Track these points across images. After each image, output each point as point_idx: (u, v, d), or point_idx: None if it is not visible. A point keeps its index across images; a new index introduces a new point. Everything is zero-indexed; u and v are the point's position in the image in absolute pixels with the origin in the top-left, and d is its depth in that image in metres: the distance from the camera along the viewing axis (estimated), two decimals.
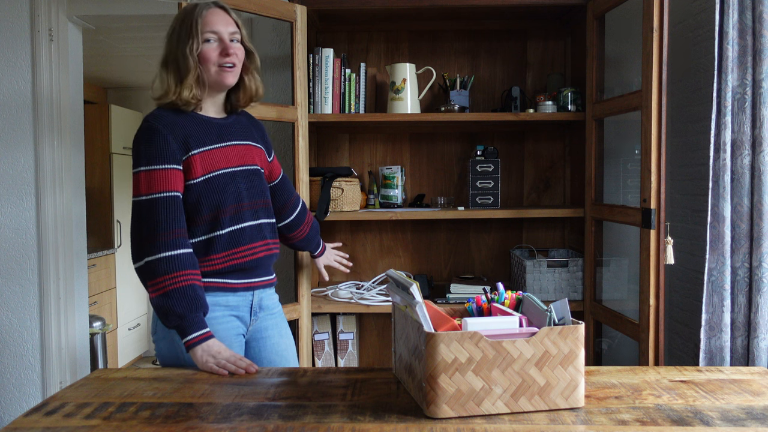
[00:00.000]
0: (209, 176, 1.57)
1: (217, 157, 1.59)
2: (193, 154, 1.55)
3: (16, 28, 2.70)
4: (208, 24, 1.56)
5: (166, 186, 1.51)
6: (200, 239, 1.58)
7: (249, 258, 1.63)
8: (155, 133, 1.52)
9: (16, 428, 1.16)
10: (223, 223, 1.58)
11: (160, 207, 1.49)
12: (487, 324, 1.25)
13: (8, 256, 2.75)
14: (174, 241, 1.50)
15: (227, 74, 1.59)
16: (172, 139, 1.52)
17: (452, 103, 2.54)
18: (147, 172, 1.50)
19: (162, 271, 1.47)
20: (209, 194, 1.56)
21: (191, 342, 1.48)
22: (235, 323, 1.65)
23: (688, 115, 2.22)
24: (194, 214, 1.56)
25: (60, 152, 2.74)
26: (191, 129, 1.57)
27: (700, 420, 1.18)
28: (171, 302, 1.47)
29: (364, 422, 1.17)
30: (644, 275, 1.95)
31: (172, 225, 1.50)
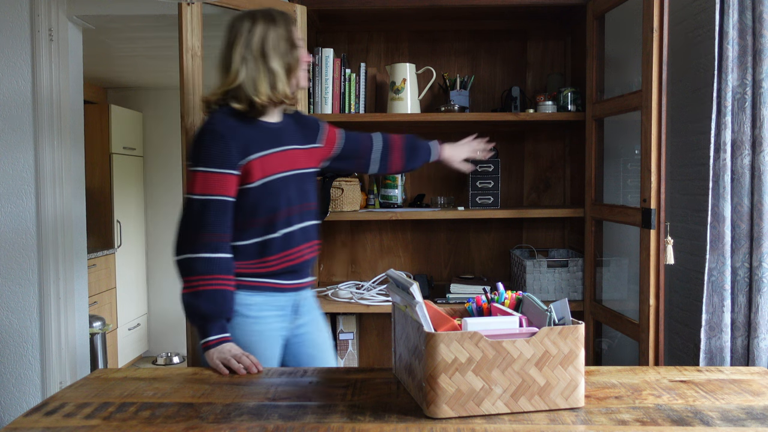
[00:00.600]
0: (266, 181, 1.60)
1: (274, 161, 1.62)
2: (252, 159, 1.58)
3: (16, 28, 2.70)
4: (297, 32, 1.67)
5: (219, 190, 1.54)
6: (255, 241, 1.61)
7: (299, 260, 1.68)
8: (218, 136, 1.55)
9: (16, 428, 1.16)
10: (277, 225, 1.62)
11: (210, 209, 1.54)
12: (487, 324, 1.25)
13: (8, 256, 2.75)
14: (215, 245, 1.54)
15: (305, 78, 1.70)
16: (233, 144, 1.56)
17: (452, 103, 2.54)
18: (204, 173, 1.54)
19: (198, 271, 1.52)
20: (265, 198, 1.59)
21: (209, 344, 1.52)
22: (279, 324, 1.68)
23: (688, 115, 2.22)
24: (250, 217, 1.60)
25: (60, 152, 2.73)
26: (251, 134, 1.61)
27: (700, 420, 1.18)
28: (198, 302, 1.52)
29: (364, 422, 1.17)
30: (644, 275, 1.95)
31: (217, 228, 1.54)
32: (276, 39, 1.62)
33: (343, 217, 2.47)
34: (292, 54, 1.64)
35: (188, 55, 2.03)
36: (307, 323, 1.77)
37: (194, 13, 2.05)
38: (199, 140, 1.57)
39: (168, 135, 5.14)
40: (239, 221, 1.59)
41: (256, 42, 1.61)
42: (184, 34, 2.02)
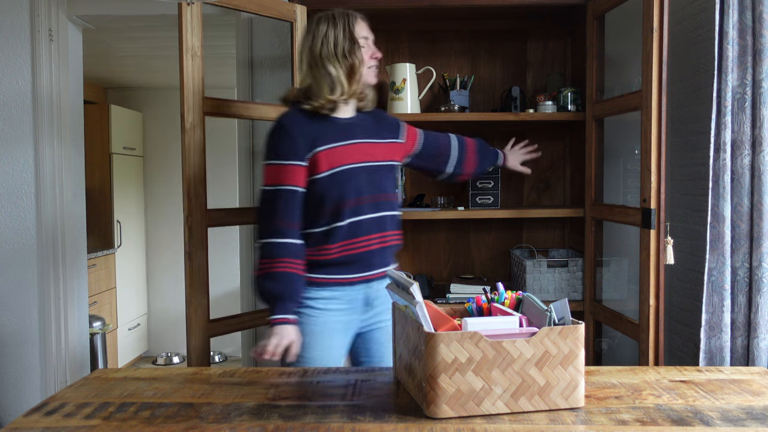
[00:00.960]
0: (333, 172, 1.69)
1: (341, 154, 1.71)
2: (318, 151, 1.69)
3: (16, 28, 2.70)
4: (360, 29, 1.75)
5: (288, 180, 1.67)
6: (322, 229, 1.71)
7: (363, 249, 1.73)
8: (285, 131, 1.68)
9: (16, 428, 1.16)
10: (344, 214, 1.69)
11: (279, 198, 1.67)
12: (487, 324, 1.25)
13: (8, 256, 2.75)
14: (284, 230, 1.66)
15: (372, 75, 1.77)
16: (300, 138, 1.67)
17: (452, 103, 2.53)
18: (274, 165, 1.68)
19: (270, 254, 1.65)
20: (332, 188, 1.69)
21: (275, 321, 1.64)
22: (347, 317, 1.75)
23: (688, 115, 2.22)
24: (318, 206, 1.70)
25: (60, 152, 2.74)
26: (319, 128, 1.71)
27: (700, 420, 1.18)
28: (267, 283, 1.65)
29: (364, 422, 1.17)
30: (644, 275, 1.95)
31: (286, 216, 1.67)
32: (334, 41, 1.71)
33: None
34: (353, 54, 1.71)
35: (188, 55, 2.03)
36: (382, 312, 1.81)
37: (194, 13, 2.05)
38: (269, 136, 1.71)
39: (168, 135, 5.14)
40: (309, 210, 1.70)
41: (317, 46, 1.72)
42: (184, 34, 2.02)
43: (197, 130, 2.07)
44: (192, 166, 2.06)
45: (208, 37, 2.13)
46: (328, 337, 1.72)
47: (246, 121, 2.74)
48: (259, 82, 2.76)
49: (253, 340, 2.80)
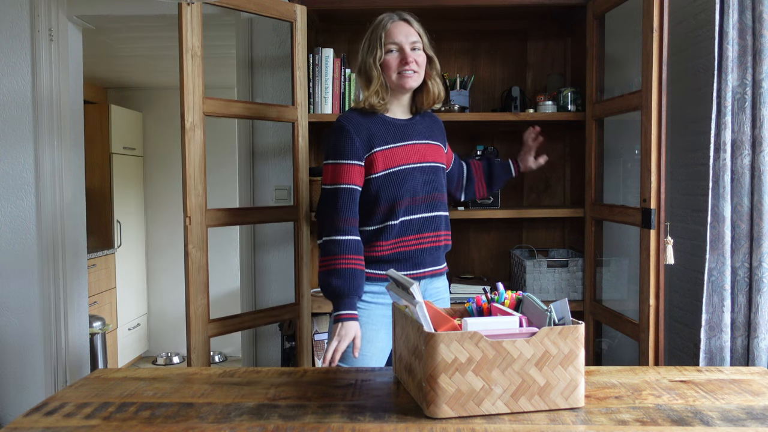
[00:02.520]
0: (389, 171, 1.74)
1: (397, 154, 1.76)
2: (375, 151, 1.74)
3: (16, 28, 2.70)
4: (391, 35, 1.76)
5: (346, 179, 1.73)
6: (376, 227, 1.76)
7: (415, 247, 1.78)
8: (344, 132, 1.74)
9: (16, 428, 1.16)
10: (397, 213, 1.75)
11: (338, 196, 1.73)
12: (487, 324, 1.25)
13: (8, 256, 2.75)
14: (345, 228, 1.72)
15: (407, 79, 1.76)
16: (357, 138, 1.73)
17: (452, 103, 2.53)
18: (333, 165, 1.74)
19: (331, 252, 1.71)
20: (388, 187, 1.74)
21: (338, 317, 1.68)
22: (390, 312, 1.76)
23: (688, 115, 2.22)
24: (373, 205, 1.75)
25: (60, 152, 2.74)
26: (376, 129, 1.76)
27: (700, 420, 1.18)
28: (332, 279, 1.69)
29: (364, 422, 1.17)
30: (644, 275, 1.95)
31: (346, 213, 1.72)
32: (367, 46, 1.78)
33: None
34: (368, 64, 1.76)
35: (188, 55, 2.03)
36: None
37: (194, 13, 2.05)
38: (329, 136, 1.77)
39: (168, 135, 5.14)
40: (365, 208, 1.76)
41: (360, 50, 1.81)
42: (184, 34, 2.02)
43: (197, 130, 2.07)
44: (192, 166, 2.06)
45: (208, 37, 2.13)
46: (374, 330, 1.77)
47: (246, 121, 2.74)
48: (259, 82, 2.76)
49: (253, 340, 2.80)
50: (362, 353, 1.75)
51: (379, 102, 1.77)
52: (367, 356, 1.76)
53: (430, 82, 1.83)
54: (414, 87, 1.79)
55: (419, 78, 1.79)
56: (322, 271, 1.72)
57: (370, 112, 1.79)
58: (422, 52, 1.80)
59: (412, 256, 1.78)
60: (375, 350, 1.77)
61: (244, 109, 2.33)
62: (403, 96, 1.82)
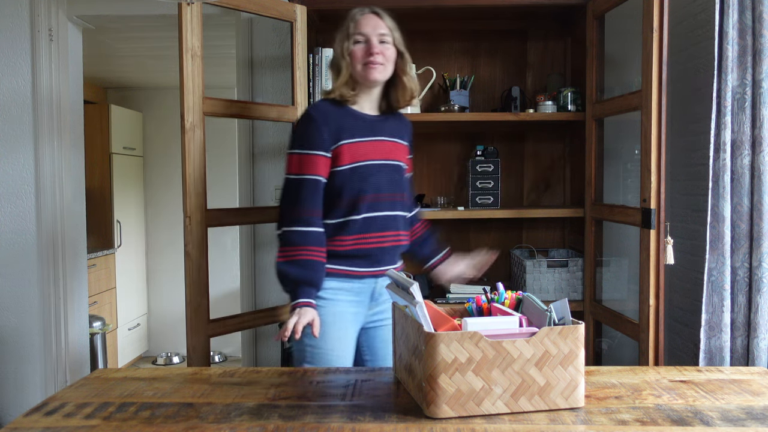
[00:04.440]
0: (354, 165, 1.71)
1: (364, 149, 1.73)
2: (342, 144, 1.71)
3: (16, 28, 2.70)
4: (359, 26, 1.74)
5: (312, 170, 1.69)
6: (337, 221, 1.73)
7: (376, 245, 1.75)
8: (312, 121, 1.71)
9: (16, 428, 1.16)
10: (360, 209, 1.72)
11: (303, 187, 1.69)
12: (487, 324, 1.25)
13: (8, 256, 2.75)
14: (308, 219, 1.69)
15: (371, 71, 1.72)
16: (325, 129, 1.70)
17: (452, 103, 2.53)
18: (299, 155, 1.70)
19: (293, 242, 1.68)
20: (352, 181, 1.71)
21: (297, 305, 1.63)
22: (354, 309, 1.77)
23: (688, 115, 2.22)
24: (336, 198, 1.72)
25: (60, 152, 2.73)
26: (344, 121, 1.73)
27: (700, 420, 1.18)
28: (290, 269, 1.66)
29: (364, 422, 1.17)
30: (644, 275, 1.95)
31: (310, 205, 1.69)
32: (338, 37, 1.76)
33: None
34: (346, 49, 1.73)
35: (188, 55, 2.03)
36: (387, 310, 1.83)
37: (194, 13, 2.05)
38: (297, 125, 1.75)
39: (168, 135, 5.14)
40: (328, 201, 1.73)
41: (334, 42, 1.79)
42: (184, 34, 2.02)
43: (197, 130, 2.07)
44: (192, 166, 2.06)
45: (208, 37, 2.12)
46: (340, 327, 1.73)
47: (246, 121, 2.74)
48: (259, 82, 2.76)
49: (253, 340, 2.80)
50: (335, 353, 1.71)
51: (348, 93, 1.74)
52: (340, 356, 1.72)
53: (404, 77, 1.79)
54: (379, 80, 1.75)
55: (385, 71, 1.75)
56: (282, 261, 1.68)
57: (340, 104, 1.75)
58: (391, 46, 1.76)
59: (372, 253, 1.75)
60: (343, 347, 1.73)
61: (244, 109, 2.33)
62: (372, 90, 1.78)
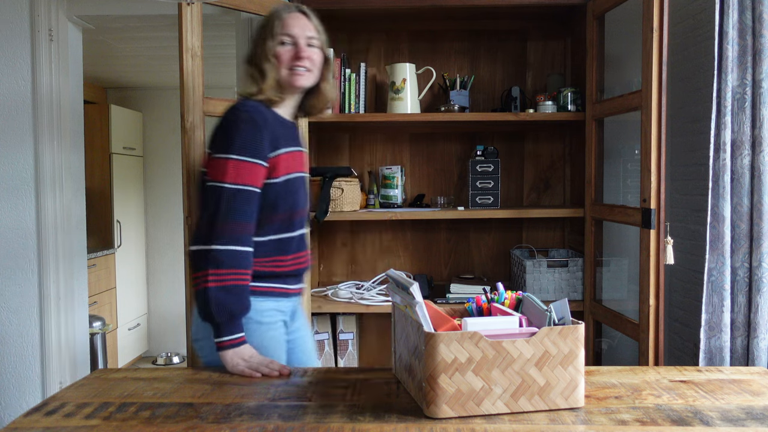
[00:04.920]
0: (288, 177, 1.57)
1: (294, 160, 1.61)
2: (279, 153, 1.55)
3: (16, 28, 2.70)
4: (286, 26, 1.59)
5: (251, 180, 1.49)
6: (272, 238, 1.57)
7: (306, 263, 1.68)
8: (254, 125, 1.51)
9: (16, 428, 1.16)
10: (294, 225, 1.61)
11: (239, 199, 1.48)
12: (487, 324, 1.25)
13: (8, 256, 2.75)
14: (242, 237, 1.49)
15: (297, 77, 1.59)
16: (266, 135, 1.52)
17: (452, 103, 2.53)
18: (237, 161, 1.48)
19: (228, 264, 1.45)
20: (286, 195, 1.57)
21: (228, 343, 1.46)
22: (283, 329, 1.65)
23: (688, 115, 2.22)
24: (270, 213, 1.55)
25: (60, 152, 2.73)
26: (278, 129, 1.58)
27: (700, 420, 1.18)
28: (229, 298, 1.45)
29: (364, 422, 1.17)
30: (644, 275, 1.95)
31: (246, 219, 1.49)
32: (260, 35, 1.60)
33: (343, 217, 2.47)
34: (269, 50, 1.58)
35: (188, 55, 2.03)
36: (300, 328, 1.75)
37: (194, 13, 2.05)
38: (233, 126, 1.50)
39: (168, 135, 5.14)
40: (259, 216, 1.54)
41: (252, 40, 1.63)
42: (184, 34, 2.02)
43: (197, 130, 2.07)
44: (192, 166, 2.06)
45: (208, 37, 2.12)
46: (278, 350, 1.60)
47: None
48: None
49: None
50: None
51: (276, 96, 1.59)
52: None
53: (324, 84, 1.68)
54: (305, 86, 1.62)
55: (312, 78, 1.62)
56: (216, 287, 1.44)
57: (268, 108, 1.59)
58: (318, 50, 1.63)
59: (302, 270, 1.66)
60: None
61: None
62: (293, 96, 1.65)
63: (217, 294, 1.44)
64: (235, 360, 1.46)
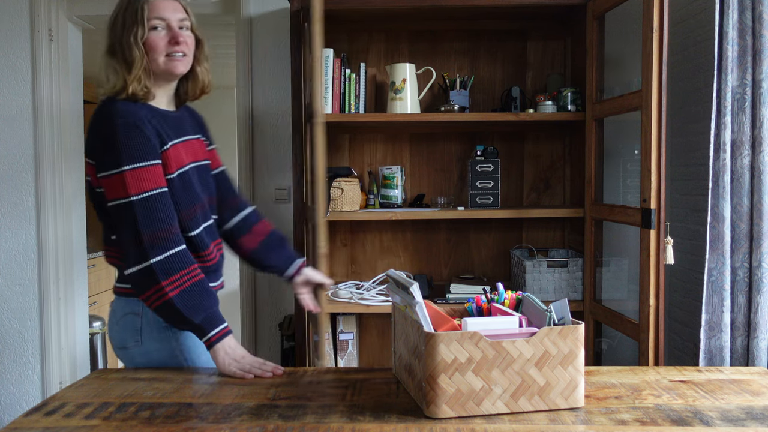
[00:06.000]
0: (181, 171, 1.50)
1: (182, 151, 1.52)
2: (167, 148, 1.47)
3: (16, 28, 2.70)
4: (155, 10, 1.46)
5: (155, 183, 1.42)
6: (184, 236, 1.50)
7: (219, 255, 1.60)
8: (132, 128, 1.40)
9: (16, 428, 1.16)
10: (198, 219, 1.52)
11: (156, 205, 1.41)
12: (487, 324, 1.25)
13: (8, 256, 2.75)
14: (178, 237, 1.43)
15: (177, 63, 1.49)
16: (150, 134, 1.43)
17: (452, 103, 2.53)
18: (132, 170, 1.39)
19: (178, 268, 1.40)
20: (184, 190, 1.49)
21: (215, 337, 1.42)
22: None
23: (688, 115, 2.22)
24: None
25: (60, 152, 2.74)
26: (157, 122, 1.47)
27: (699, 420, 1.18)
28: (194, 297, 1.40)
29: (364, 422, 1.17)
30: (644, 275, 1.95)
31: (171, 221, 1.42)
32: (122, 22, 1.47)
33: (343, 217, 2.46)
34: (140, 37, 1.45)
35: None
36: None
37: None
38: (111, 138, 1.40)
39: None
40: None
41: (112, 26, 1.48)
42: None
43: None
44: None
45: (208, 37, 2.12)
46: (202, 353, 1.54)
47: (246, 121, 2.74)
48: (259, 82, 2.76)
49: (252, 340, 2.80)
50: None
51: (142, 89, 1.46)
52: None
53: (199, 68, 1.57)
54: (184, 72, 1.52)
55: (189, 62, 1.53)
56: (178, 293, 1.38)
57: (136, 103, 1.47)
58: (191, 33, 1.53)
59: (219, 264, 1.59)
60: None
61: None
62: (169, 84, 1.55)
63: (184, 298, 1.39)
64: (227, 360, 1.43)
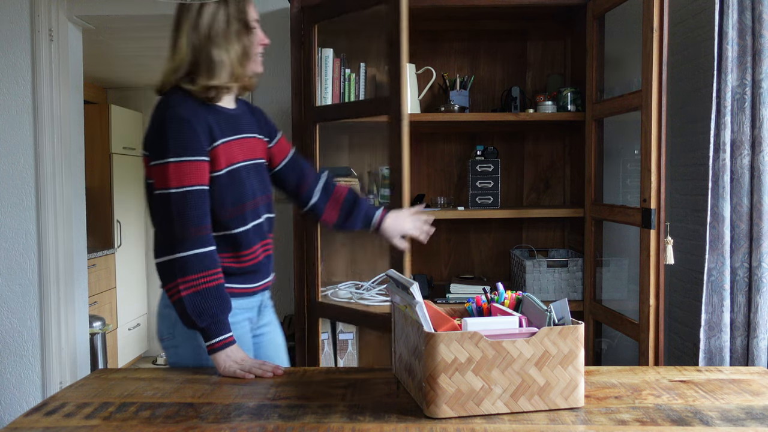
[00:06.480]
0: (231, 169, 1.51)
1: (236, 149, 1.53)
2: (217, 145, 1.48)
3: (16, 28, 2.70)
4: (251, 10, 1.55)
5: (197, 179, 1.44)
6: (226, 233, 1.52)
7: (265, 254, 1.61)
8: (183, 122, 1.43)
9: (16, 428, 1.16)
10: (246, 217, 1.53)
11: (191, 201, 1.43)
12: (487, 324, 1.25)
13: (8, 256, 2.75)
14: (206, 238, 1.45)
15: (260, 64, 1.60)
16: (200, 129, 1.45)
17: (452, 103, 2.54)
18: (177, 163, 1.42)
19: (196, 269, 1.42)
20: (232, 187, 1.50)
21: (218, 345, 1.44)
22: (248, 326, 1.62)
23: (688, 115, 2.22)
24: (219, 208, 1.49)
25: (60, 152, 2.74)
26: (212, 119, 1.50)
27: (699, 420, 1.18)
28: (206, 302, 1.42)
29: (364, 422, 1.17)
30: (644, 275, 1.95)
31: (200, 221, 1.44)
32: (225, 20, 1.50)
33: None
34: (245, 37, 1.52)
35: None
36: (268, 324, 1.72)
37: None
38: (161, 128, 1.44)
39: None
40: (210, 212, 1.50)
41: (204, 24, 1.51)
42: None
43: None
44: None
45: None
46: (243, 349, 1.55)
47: None
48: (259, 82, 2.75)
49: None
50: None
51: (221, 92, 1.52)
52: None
53: None
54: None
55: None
56: (190, 294, 1.41)
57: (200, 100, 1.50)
58: None
59: (263, 264, 1.60)
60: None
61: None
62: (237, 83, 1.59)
63: (193, 301, 1.41)
64: (228, 362, 1.44)
